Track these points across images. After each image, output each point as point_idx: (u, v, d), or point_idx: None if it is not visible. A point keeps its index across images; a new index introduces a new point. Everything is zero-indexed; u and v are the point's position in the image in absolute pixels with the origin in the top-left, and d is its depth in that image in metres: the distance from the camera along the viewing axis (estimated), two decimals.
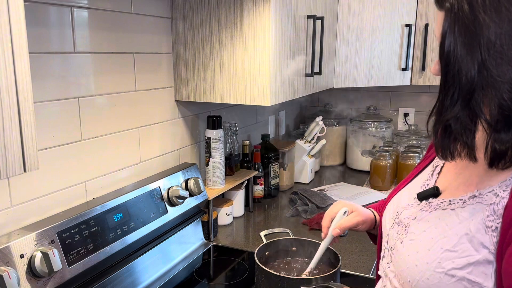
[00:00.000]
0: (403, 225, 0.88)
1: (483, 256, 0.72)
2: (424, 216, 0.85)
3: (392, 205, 0.97)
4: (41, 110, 1.10)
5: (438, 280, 0.75)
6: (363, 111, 2.68)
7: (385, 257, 0.93)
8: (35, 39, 1.06)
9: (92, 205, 1.17)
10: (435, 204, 0.84)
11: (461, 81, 0.69)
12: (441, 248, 0.76)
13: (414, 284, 0.79)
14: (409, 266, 0.80)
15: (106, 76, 1.28)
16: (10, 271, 0.89)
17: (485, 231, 0.73)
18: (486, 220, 0.73)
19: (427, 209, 0.85)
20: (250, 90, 1.44)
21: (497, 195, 0.74)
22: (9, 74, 0.64)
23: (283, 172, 2.16)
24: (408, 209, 0.90)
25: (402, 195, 0.96)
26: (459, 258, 0.74)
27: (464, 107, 0.70)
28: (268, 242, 1.26)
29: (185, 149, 1.68)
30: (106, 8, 1.26)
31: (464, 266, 0.73)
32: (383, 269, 0.93)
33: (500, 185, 0.74)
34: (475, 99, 0.69)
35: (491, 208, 0.73)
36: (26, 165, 0.69)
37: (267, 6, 1.36)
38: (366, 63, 2.10)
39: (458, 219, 0.77)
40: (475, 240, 0.73)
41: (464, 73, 0.68)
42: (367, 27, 2.05)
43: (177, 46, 1.53)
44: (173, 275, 1.40)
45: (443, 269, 0.75)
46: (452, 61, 0.69)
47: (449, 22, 0.70)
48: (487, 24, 0.66)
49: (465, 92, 0.69)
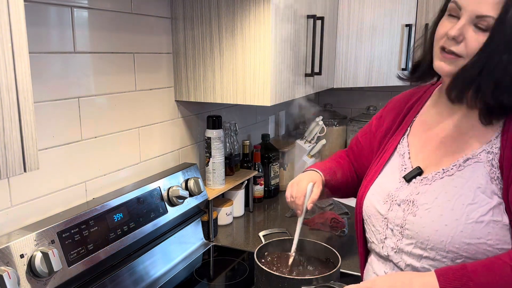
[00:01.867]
0: (407, 202, 0.98)
1: (496, 201, 0.88)
2: (427, 188, 0.96)
3: (376, 193, 1.06)
4: (41, 110, 1.10)
5: (471, 229, 0.88)
6: (363, 111, 2.68)
7: (390, 238, 1.01)
8: (35, 39, 1.06)
9: (92, 205, 1.17)
10: (431, 177, 0.97)
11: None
12: (463, 204, 0.90)
13: (449, 241, 0.90)
14: (438, 228, 0.91)
15: (106, 76, 1.28)
16: (10, 271, 0.89)
17: (491, 182, 0.89)
18: (489, 173, 0.89)
19: (425, 182, 0.97)
20: (250, 90, 1.45)
21: (491, 152, 0.90)
22: (9, 74, 0.64)
23: (283, 172, 2.16)
24: (402, 191, 1.00)
25: (383, 183, 1.06)
26: (481, 207, 0.88)
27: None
28: (268, 242, 1.26)
29: (185, 149, 1.68)
30: (106, 8, 1.26)
31: (488, 211, 0.88)
32: (392, 248, 1.00)
33: (488, 144, 0.91)
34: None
35: (490, 163, 0.90)
36: (26, 165, 0.69)
37: (267, 6, 1.36)
38: (366, 63, 2.10)
39: (463, 179, 0.92)
40: (487, 190, 0.89)
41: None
42: (367, 27, 2.05)
43: (177, 46, 1.53)
44: (173, 275, 1.40)
45: (472, 219, 0.88)
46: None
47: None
48: None
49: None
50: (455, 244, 0.89)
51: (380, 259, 1.05)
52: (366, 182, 1.11)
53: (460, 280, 0.82)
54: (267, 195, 2.06)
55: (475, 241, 0.87)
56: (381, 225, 1.03)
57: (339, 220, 1.73)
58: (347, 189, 1.30)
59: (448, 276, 0.83)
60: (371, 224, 1.07)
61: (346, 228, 1.71)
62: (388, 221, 1.01)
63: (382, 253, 1.03)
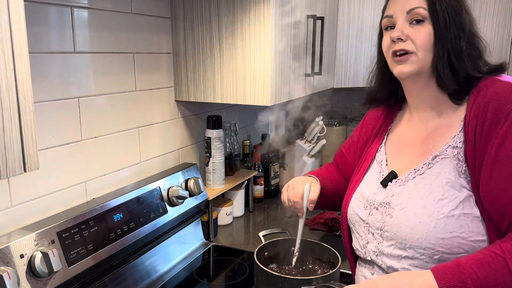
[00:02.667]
0: (384, 205, 1.01)
1: (465, 194, 0.91)
2: (401, 190, 1.00)
3: (357, 200, 1.10)
4: (41, 110, 1.10)
5: (444, 224, 0.90)
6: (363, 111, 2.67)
7: (371, 242, 1.04)
8: (35, 39, 1.06)
9: (92, 205, 1.17)
10: (404, 178, 1.00)
11: (459, 21, 0.94)
12: (434, 200, 0.93)
13: (424, 237, 0.92)
14: (413, 227, 0.94)
15: (106, 76, 1.28)
16: (10, 271, 0.89)
17: (459, 175, 0.92)
18: (456, 167, 0.93)
19: (399, 184, 1.00)
20: (250, 90, 1.44)
21: (456, 147, 0.94)
22: (9, 74, 0.64)
23: (283, 172, 2.16)
24: (379, 194, 1.04)
25: (363, 190, 1.09)
26: (451, 202, 0.91)
27: (470, 37, 0.95)
28: (268, 242, 1.26)
29: (185, 149, 1.68)
30: (106, 8, 1.26)
31: (457, 205, 0.91)
32: (374, 252, 1.03)
33: (453, 140, 0.95)
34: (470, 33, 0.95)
35: (456, 158, 0.93)
36: (26, 165, 0.69)
37: (267, 6, 1.36)
38: (366, 63, 2.09)
39: (432, 176, 0.95)
40: (456, 184, 0.92)
41: (457, 15, 0.94)
42: (367, 27, 2.05)
43: (177, 46, 1.53)
44: (173, 275, 1.40)
45: (443, 214, 0.91)
46: (446, 10, 0.93)
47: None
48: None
49: (463, 28, 0.93)
50: (430, 240, 0.91)
51: (366, 263, 1.08)
52: (349, 191, 1.15)
53: (458, 278, 0.83)
54: (267, 195, 2.06)
55: (448, 235, 0.90)
56: (364, 230, 1.06)
57: (339, 220, 1.73)
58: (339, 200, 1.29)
59: (445, 275, 0.84)
60: (356, 232, 1.10)
61: None
62: (369, 226, 1.04)
63: (366, 258, 1.06)
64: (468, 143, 0.92)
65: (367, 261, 1.07)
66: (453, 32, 0.93)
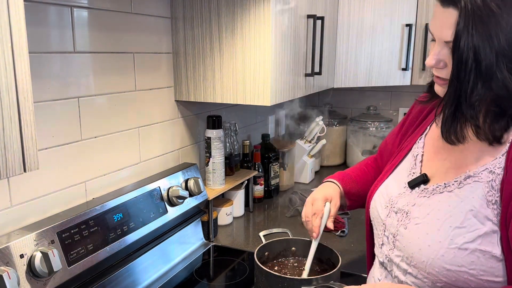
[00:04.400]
0: (403, 212, 0.94)
1: (488, 228, 0.80)
2: (424, 201, 0.90)
3: (381, 195, 1.03)
4: (41, 110, 1.10)
5: (453, 255, 0.81)
6: (363, 111, 2.68)
7: (385, 245, 0.98)
8: (35, 39, 1.06)
9: (92, 205, 1.17)
10: (431, 189, 0.91)
11: (480, 69, 0.75)
12: (450, 227, 0.83)
13: (429, 263, 0.84)
14: (422, 247, 0.86)
15: (106, 76, 1.28)
16: (10, 271, 0.89)
17: (487, 205, 0.81)
18: (487, 196, 0.81)
19: (424, 195, 0.91)
20: (250, 90, 1.44)
21: (493, 173, 0.82)
22: (9, 74, 0.64)
23: (283, 172, 2.16)
24: (402, 198, 0.96)
25: (389, 185, 1.02)
26: (469, 233, 0.81)
27: (485, 91, 0.77)
28: (268, 242, 1.26)
29: (185, 149, 1.68)
30: (106, 8, 1.26)
31: (475, 239, 0.80)
32: (385, 256, 0.98)
33: (492, 163, 0.83)
34: (495, 82, 0.75)
35: (489, 185, 0.81)
36: (26, 165, 0.69)
37: (267, 6, 1.36)
38: (366, 63, 2.10)
39: (459, 198, 0.85)
40: (480, 214, 0.81)
41: (484, 61, 0.74)
42: (367, 27, 2.05)
43: (177, 46, 1.53)
44: (173, 275, 1.40)
45: (456, 245, 0.81)
46: (468, 53, 0.75)
47: (464, 18, 0.75)
48: (501, 15, 0.72)
49: (485, 78, 0.76)
50: (435, 267, 0.84)
51: (380, 264, 1.03)
52: (376, 182, 1.08)
53: None
54: (267, 195, 2.06)
55: (455, 268, 0.81)
56: (381, 229, 1.00)
57: (339, 220, 1.73)
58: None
59: None
60: (375, 227, 1.04)
61: (346, 228, 1.70)
62: (385, 227, 0.98)
63: (380, 258, 1.01)
64: (508, 173, 0.80)
65: (381, 262, 1.02)
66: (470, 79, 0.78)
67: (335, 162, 2.63)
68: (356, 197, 1.23)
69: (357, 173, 1.27)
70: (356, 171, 1.28)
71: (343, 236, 1.68)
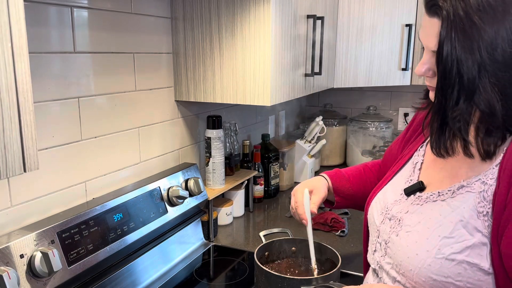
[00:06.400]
0: (396, 219, 0.93)
1: (477, 239, 0.78)
2: (416, 209, 0.90)
3: (378, 201, 1.03)
4: (41, 110, 1.10)
5: (440, 265, 0.80)
6: (363, 111, 2.68)
7: (377, 251, 0.98)
8: (35, 39, 1.06)
9: (92, 205, 1.17)
10: (425, 197, 0.90)
11: (463, 82, 0.74)
12: (439, 236, 0.82)
13: (416, 272, 0.83)
14: (410, 255, 0.85)
15: (106, 76, 1.28)
16: (10, 271, 0.89)
17: (477, 216, 0.79)
18: (477, 207, 0.80)
19: (418, 202, 0.91)
20: (250, 90, 1.44)
21: (485, 183, 0.80)
22: (9, 74, 0.64)
23: (283, 172, 2.16)
24: (397, 205, 0.95)
25: (387, 192, 1.02)
26: (456, 243, 0.80)
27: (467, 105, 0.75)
28: (268, 242, 1.26)
29: (185, 149, 1.68)
30: (106, 8, 1.26)
31: (462, 250, 0.79)
32: (377, 262, 0.97)
33: (485, 174, 0.81)
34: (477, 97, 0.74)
35: (481, 195, 0.80)
36: (26, 165, 0.69)
37: (267, 6, 1.36)
38: (366, 63, 2.10)
39: (450, 208, 0.84)
40: (469, 225, 0.80)
41: (466, 75, 0.73)
42: (367, 27, 2.05)
43: (177, 46, 1.53)
44: (173, 275, 1.40)
45: (443, 255, 0.80)
46: (451, 64, 0.74)
47: (447, 28, 0.74)
48: (483, 28, 0.71)
49: (467, 91, 0.74)
50: (421, 276, 0.83)
51: (372, 270, 1.03)
52: (375, 188, 1.09)
53: None
54: (267, 195, 2.06)
55: (441, 279, 0.80)
56: (375, 235, 1.00)
57: (339, 220, 1.73)
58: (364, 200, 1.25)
59: None
60: (370, 234, 1.04)
61: (346, 228, 1.71)
62: (379, 233, 0.98)
63: (371, 265, 1.01)
64: (500, 185, 0.77)
65: (373, 269, 1.02)
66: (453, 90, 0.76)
67: (335, 162, 2.63)
68: (345, 195, 1.24)
69: (352, 172, 1.28)
70: (351, 171, 1.30)
71: (343, 236, 1.68)
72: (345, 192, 1.24)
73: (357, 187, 1.25)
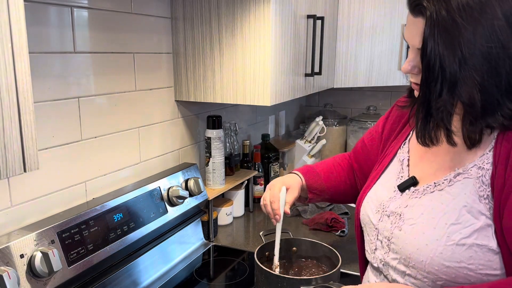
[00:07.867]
0: (396, 215, 0.95)
1: (483, 222, 0.82)
2: (415, 202, 0.93)
3: (371, 201, 1.04)
4: (41, 110, 1.10)
5: (451, 251, 0.83)
6: (363, 111, 2.68)
7: (379, 249, 0.99)
8: (35, 39, 1.06)
9: (92, 205, 1.17)
10: (421, 190, 0.93)
11: (445, 75, 0.80)
12: (446, 224, 0.85)
13: (428, 262, 0.85)
14: (419, 247, 0.87)
15: (106, 76, 1.28)
16: (10, 271, 0.89)
17: (479, 200, 0.83)
18: (478, 191, 0.84)
19: (415, 195, 0.93)
20: (250, 90, 1.45)
21: (482, 168, 0.85)
22: (9, 74, 0.64)
23: (283, 172, 2.16)
24: (394, 201, 0.97)
25: (378, 191, 1.04)
26: (464, 228, 0.83)
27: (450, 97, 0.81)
28: (268, 242, 1.26)
29: (185, 149, 1.68)
30: (106, 8, 1.26)
31: (471, 234, 0.82)
32: (380, 260, 0.98)
33: (480, 159, 0.85)
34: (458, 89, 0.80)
35: (479, 180, 0.84)
36: (26, 165, 0.69)
37: (267, 6, 1.36)
38: (366, 63, 2.10)
39: (451, 196, 0.87)
40: (473, 210, 0.83)
41: (448, 69, 0.79)
42: (367, 27, 2.05)
43: (177, 46, 1.53)
44: (173, 275, 1.41)
45: (453, 241, 0.83)
46: (435, 59, 0.80)
47: (430, 26, 0.80)
48: (463, 26, 0.77)
49: (449, 84, 0.80)
50: (434, 265, 0.85)
51: (374, 269, 1.03)
52: (364, 188, 1.10)
53: None
54: None
55: (454, 265, 0.83)
56: (373, 234, 1.01)
57: (339, 220, 1.73)
58: (339, 195, 1.29)
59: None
60: (367, 234, 1.05)
61: (346, 228, 1.71)
62: (378, 232, 0.99)
63: (373, 264, 1.01)
64: (497, 167, 0.82)
65: (375, 267, 1.02)
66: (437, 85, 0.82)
67: None
68: (318, 191, 1.27)
69: (322, 168, 1.31)
70: (322, 166, 1.32)
71: (343, 236, 1.68)
72: (317, 188, 1.27)
73: (328, 182, 1.28)
